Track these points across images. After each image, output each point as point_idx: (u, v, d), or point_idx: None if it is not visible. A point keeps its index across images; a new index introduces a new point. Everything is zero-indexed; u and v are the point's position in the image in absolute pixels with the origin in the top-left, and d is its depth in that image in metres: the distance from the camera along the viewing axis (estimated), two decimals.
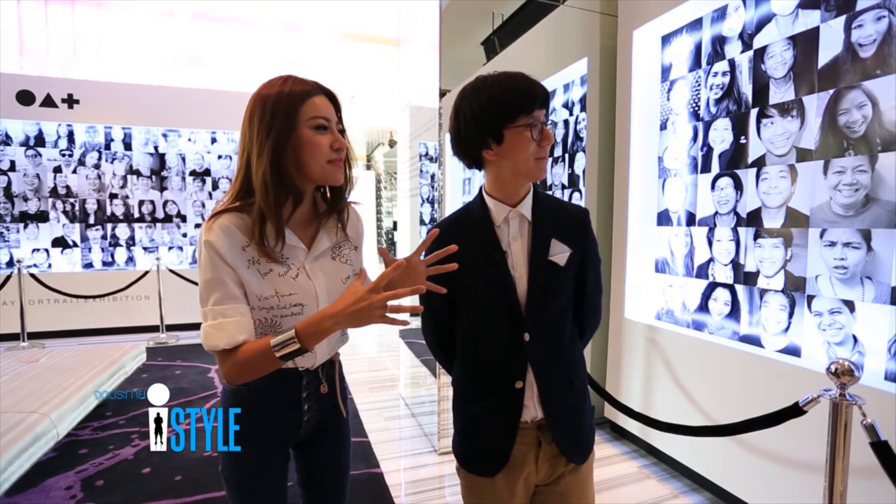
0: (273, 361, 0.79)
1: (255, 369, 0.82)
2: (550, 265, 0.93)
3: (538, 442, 0.95)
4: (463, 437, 1.01)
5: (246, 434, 0.91)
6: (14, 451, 1.66)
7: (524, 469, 0.95)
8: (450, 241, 0.90)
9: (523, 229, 0.95)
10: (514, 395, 0.93)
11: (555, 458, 0.96)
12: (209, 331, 0.81)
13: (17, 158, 4.87)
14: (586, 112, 2.83)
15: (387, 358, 4.25)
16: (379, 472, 2.25)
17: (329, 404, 1.01)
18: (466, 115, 0.90)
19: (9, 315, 4.52)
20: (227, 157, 5.50)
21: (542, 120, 0.90)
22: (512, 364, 0.93)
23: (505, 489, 0.95)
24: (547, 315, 0.94)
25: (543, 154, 0.91)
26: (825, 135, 1.64)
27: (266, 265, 0.86)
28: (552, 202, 1.00)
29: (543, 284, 0.93)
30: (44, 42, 5.21)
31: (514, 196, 0.95)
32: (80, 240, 5.13)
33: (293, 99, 0.84)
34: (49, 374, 2.41)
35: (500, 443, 0.94)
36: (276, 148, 0.82)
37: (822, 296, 1.67)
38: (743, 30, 1.93)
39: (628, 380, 2.49)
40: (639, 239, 2.48)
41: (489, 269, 0.93)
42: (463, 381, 1.02)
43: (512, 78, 0.88)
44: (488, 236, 0.94)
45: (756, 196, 1.90)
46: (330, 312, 0.77)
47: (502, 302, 0.92)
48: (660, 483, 2.16)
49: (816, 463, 1.58)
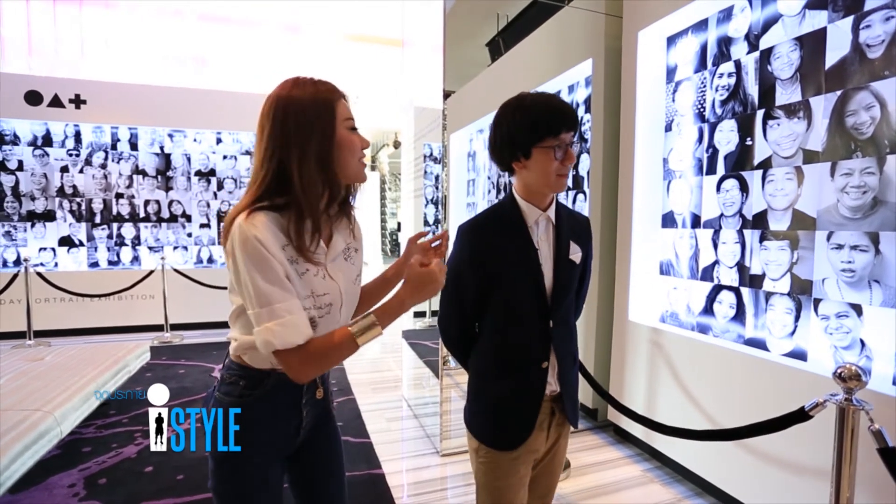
0: (352, 348, 0.83)
1: (332, 360, 0.84)
2: (570, 263, 1.09)
3: (552, 411, 1.13)
4: (489, 416, 1.11)
5: (247, 446, 0.89)
6: (18, 448, 1.67)
7: (539, 437, 1.11)
8: (491, 235, 1.06)
9: (548, 231, 1.09)
10: (541, 374, 1.08)
11: (560, 426, 1.15)
12: (276, 329, 0.78)
13: (24, 158, 4.91)
14: (591, 113, 2.82)
15: (390, 359, 4.25)
16: (381, 474, 2.24)
17: (321, 408, 1.01)
18: (503, 129, 1.04)
19: (16, 313, 4.55)
20: (232, 157, 5.52)
21: (569, 141, 1.01)
22: (539, 347, 1.07)
23: (524, 458, 1.10)
24: (565, 305, 1.10)
25: (565, 172, 1.02)
26: (832, 136, 1.62)
27: (303, 265, 0.85)
28: (565, 209, 1.15)
29: (564, 279, 1.08)
30: (52, 42, 5.26)
31: (543, 201, 1.07)
32: (87, 239, 5.17)
33: (330, 100, 0.86)
34: (53, 372, 2.42)
35: (526, 416, 1.08)
36: (323, 148, 0.84)
37: (829, 299, 1.65)
38: (749, 30, 1.92)
39: (632, 383, 2.47)
40: (643, 241, 2.46)
41: (526, 265, 1.05)
42: (489, 365, 1.12)
43: (546, 100, 1.01)
44: (524, 235, 1.06)
45: (762, 198, 1.88)
46: (403, 295, 0.86)
47: (534, 294, 1.06)
48: (663, 487, 2.14)
49: (822, 469, 1.56)
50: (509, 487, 1.09)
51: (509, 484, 1.09)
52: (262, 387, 0.90)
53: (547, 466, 1.18)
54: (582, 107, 3.03)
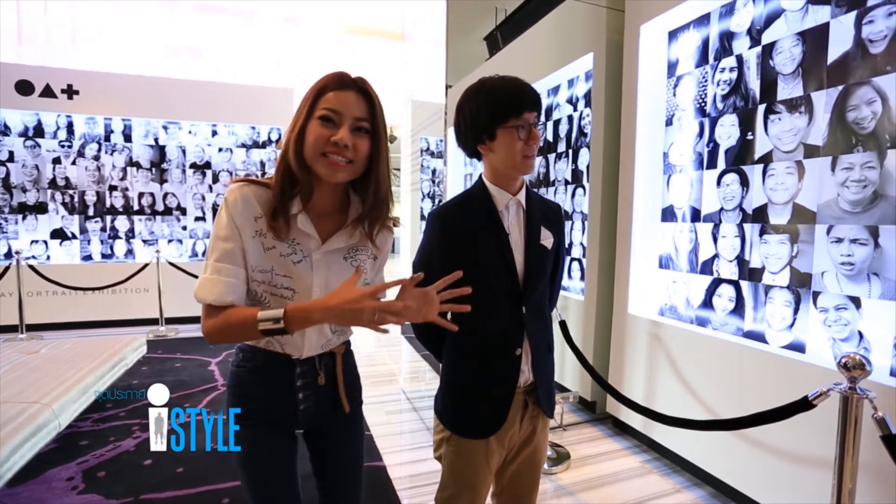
0: (253, 333, 0.81)
1: (234, 333, 0.83)
2: (541, 248, 1.08)
3: (525, 404, 1.11)
4: (461, 404, 1.10)
5: (244, 413, 0.94)
6: (16, 441, 1.65)
7: (512, 428, 1.10)
8: (461, 221, 1.06)
9: (520, 216, 1.09)
10: (514, 362, 1.07)
11: (534, 418, 1.13)
12: (203, 282, 0.84)
13: (15, 149, 4.82)
14: (591, 108, 2.82)
15: (385, 353, 4.25)
16: (382, 466, 2.24)
17: (329, 396, 1.00)
18: (465, 114, 1.03)
19: (7, 307, 4.49)
20: (227, 149, 5.46)
21: (532, 122, 1.01)
22: (512, 334, 1.06)
23: (495, 448, 1.09)
24: (538, 290, 1.09)
25: (530, 152, 1.02)
26: (833, 131, 1.64)
27: (271, 241, 0.87)
28: (536, 195, 1.15)
29: (536, 264, 1.07)
30: (43, 31, 5.16)
31: (512, 185, 1.07)
32: (80, 232, 5.10)
33: (319, 88, 0.86)
34: (50, 365, 2.39)
35: (499, 404, 1.07)
36: (296, 133, 0.86)
37: (828, 292, 1.68)
38: (751, 25, 1.93)
39: (631, 375, 2.49)
40: (643, 235, 2.47)
41: (497, 249, 1.05)
42: (462, 353, 1.12)
43: (507, 82, 1.01)
44: (494, 220, 1.06)
45: (762, 192, 1.90)
46: (321, 305, 0.79)
47: (506, 278, 1.05)
48: (662, 478, 2.17)
49: (822, 458, 1.59)
50: (477, 476, 1.09)
51: (477, 473, 1.08)
52: (253, 361, 0.95)
53: (527, 461, 1.15)
54: (582, 101, 3.03)
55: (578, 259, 3.08)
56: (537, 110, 1.02)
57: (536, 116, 1.02)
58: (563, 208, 3.24)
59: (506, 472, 1.17)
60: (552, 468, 2.21)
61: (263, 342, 0.93)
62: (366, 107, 0.87)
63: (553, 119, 3.35)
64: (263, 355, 0.94)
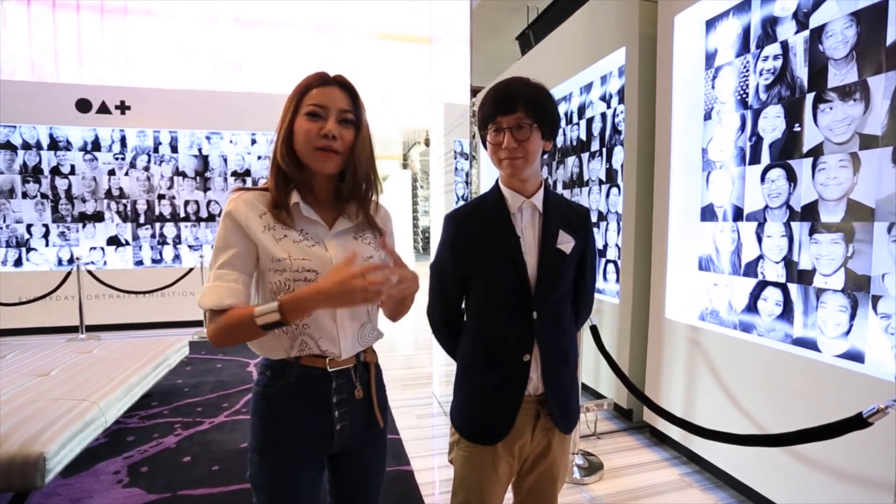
0: (254, 329, 0.80)
1: (235, 334, 0.83)
2: (558, 252, 1.04)
3: (537, 414, 1.07)
4: (469, 408, 1.09)
5: (274, 440, 0.89)
6: (65, 436, 1.75)
7: (521, 438, 1.06)
8: (473, 223, 1.06)
9: (535, 219, 1.06)
10: (522, 368, 1.03)
11: (548, 430, 1.08)
12: (204, 291, 0.85)
13: (76, 162, 5.20)
14: (624, 104, 2.71)
15: (423, 356, 4.25)
16: (409, 470, 2.24)
17: (364, 411, 0.96)
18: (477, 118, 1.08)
19: (70, 309, 4.83)
20: (266, 157, 5.67)
21: (508, 125, 0.97)
22: (521, 339, 1.03)
23: (503, 456, 1.06)
24: (553, 297, 1.05)
25: (508, 155, 0.99)
26: (894, 119, 1.49)
27: (281, 231, 0.89)
28: (560, 199, 1.11)
29: (551, 269, 1.04)
30: (99, 52, 5.54)
31: (524, 188, 1.05)
32: (132, 238, 5.43)
33: (304, 86, 0.90)
34: (100, 364, 2.53)
35: (506, 411, 1.04)
36: (284, 130, 0.89)
37: (890, 296, 1.52)
38: (797, 8, 1.79)
39: (669, 383, 2.37)
40: (680, 235, 2.35)
41: (504, 251, 1.03)
42: (471, 355, 1.10)
43: (493, 88, 1.02)
44: (505, 222, 1.04)
45: (812, 188, 1.75)
46: (314, 289, 0.80)
47: (515, 281, 1.02)
48: (703, 493, 2.04)
49: (881, 480, 1.44)
50: (486, 484, 1.06)
51: (486, 480, 1.06)
52: (284, 378, 0.90)
53: (543, 476, 1.11)
54: (616, 98, 2.92)
55: (614, 261, 2.97)
56: (512, 112, 0.97)
57: (515, 119, 0.97)
58: (598, 209, 3.17)
59: (523, 486, 1.14)
60: (584, 478, 2.12)
61: (297, 349, 0.89)
62: (348, 99, 0.91)
63: (586, 117, 3.25)
64: (297, 370, 0.89)
